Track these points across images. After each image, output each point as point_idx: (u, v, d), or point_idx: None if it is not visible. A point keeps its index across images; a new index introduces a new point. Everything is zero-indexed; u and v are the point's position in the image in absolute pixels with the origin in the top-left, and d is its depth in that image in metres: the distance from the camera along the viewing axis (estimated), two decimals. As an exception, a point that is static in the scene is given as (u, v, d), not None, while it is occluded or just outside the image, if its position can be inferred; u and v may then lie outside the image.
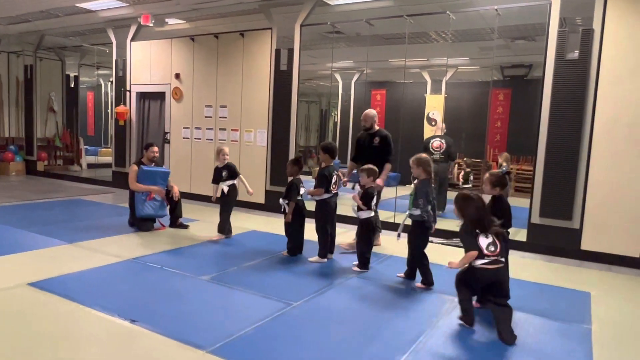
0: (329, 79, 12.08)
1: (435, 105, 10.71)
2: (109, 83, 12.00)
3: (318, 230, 4.74)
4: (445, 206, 7.10)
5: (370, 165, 4.57)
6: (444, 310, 3.60)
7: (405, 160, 8.40)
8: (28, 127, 11.37)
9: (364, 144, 5.40)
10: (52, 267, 4.13)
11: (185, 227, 5.97)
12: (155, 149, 5.92)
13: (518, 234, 5.80)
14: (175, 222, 5.98)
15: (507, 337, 3.06)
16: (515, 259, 5.26)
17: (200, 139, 8.34)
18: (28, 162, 11.35)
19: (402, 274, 4.30)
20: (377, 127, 5.41)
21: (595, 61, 5.17)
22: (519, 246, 5.63)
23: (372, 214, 4.48)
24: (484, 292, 3.33)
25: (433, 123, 10.75)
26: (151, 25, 8.41)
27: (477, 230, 3.17)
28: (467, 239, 3.20)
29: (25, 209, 6.97)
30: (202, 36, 8.32)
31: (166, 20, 8.74)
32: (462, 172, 8.10)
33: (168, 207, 5.90)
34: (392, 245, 5.27)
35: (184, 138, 8.55)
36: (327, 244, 4.75)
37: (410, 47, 8.55)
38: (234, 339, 2.91)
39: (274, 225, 6.16)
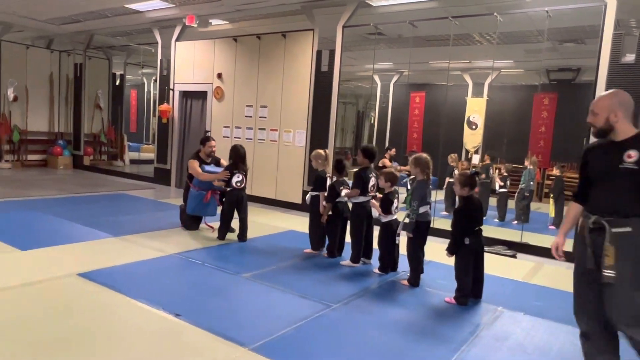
0: (368, 80, 12.04)
1: (476, 109, 10.47)
2: (153, 82, 12.34)
3: (352, 234, 4.68)
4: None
5: (391, 170, 4.47)
6: (486, 319, 3.51)
7: (445, 164, 8.32)
8: (76, 123, 11.86)
9: (603, 163, 2.50)
10: (100, 259, 4.28)
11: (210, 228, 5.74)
12: (213, 143, 5.73)
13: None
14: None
15: None
16: (561, 270, 5.08)
17: (240, 138, 8.46)
18: (75, 156, 11.84)
19: (405, 281, 4.22)
20: (624, 129, 2.41)
21: (653, 65, 4.95)
22: (564, 256, 5.41)
23: (394, 217, 4.44)
24: None
25: (474, 127, 10.54)
26: (195, 25, 8.61)
27: None
28: None
29: (73, 201, 7.26)
30: (245, 37, 8.44)
31: (210, 21, 8.93)
32: (501, 177, 8.02)
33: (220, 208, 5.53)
34: (431, 250, 5.18)
35: (224, 137, 8.68)
36: (360, 248, 4.66)
37: (453, 49, 8.40)
38: (274, 338, 2.94)
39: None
